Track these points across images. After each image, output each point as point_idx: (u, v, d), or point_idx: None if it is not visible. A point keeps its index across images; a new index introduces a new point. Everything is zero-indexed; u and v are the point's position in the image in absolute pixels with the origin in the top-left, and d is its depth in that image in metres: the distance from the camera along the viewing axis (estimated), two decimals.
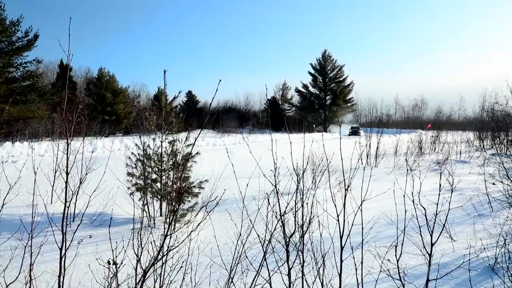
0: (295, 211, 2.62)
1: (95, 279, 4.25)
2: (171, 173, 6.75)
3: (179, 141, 6.92)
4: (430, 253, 2.58)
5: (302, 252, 2.55)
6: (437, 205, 2.68)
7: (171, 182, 6.70)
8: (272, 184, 2.56)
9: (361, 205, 2.34)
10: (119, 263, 2.36)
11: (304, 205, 2.69)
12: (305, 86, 55.82)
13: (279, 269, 2.61)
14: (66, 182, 2.51)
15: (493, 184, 8.30)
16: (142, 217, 6.47)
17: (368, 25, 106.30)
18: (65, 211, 2.55)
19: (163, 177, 6.78)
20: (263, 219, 2.89)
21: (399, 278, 2.26)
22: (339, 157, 3.30)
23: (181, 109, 47.98)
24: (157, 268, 2.28)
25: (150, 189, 6.60)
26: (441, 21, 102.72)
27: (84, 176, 3.11)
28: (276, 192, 2.53)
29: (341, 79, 54.63)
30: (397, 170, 13.89)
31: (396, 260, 2.33)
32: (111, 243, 2.36)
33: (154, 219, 6.51)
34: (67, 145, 2.49)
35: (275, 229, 2.61)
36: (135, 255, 2.42)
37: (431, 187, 8.80)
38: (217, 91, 2.04)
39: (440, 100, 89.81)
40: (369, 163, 15.27)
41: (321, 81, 54.91)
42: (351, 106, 56.31)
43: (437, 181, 8.79)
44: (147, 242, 2.48)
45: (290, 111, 61.06)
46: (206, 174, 6.92)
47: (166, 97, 7.27)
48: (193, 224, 2.78)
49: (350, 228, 2.38)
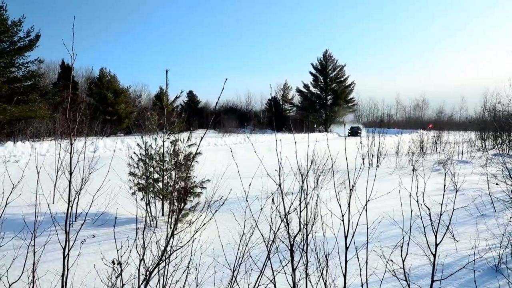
0: (299, 211, 2.61)
1: (98, 278, 4.25)
2: (173, 173, 6.75)
3: (181, 141, 6.91)
4: (434, 253, 2.57)
5: (306, 252, 2.54)
6: (442, 205, 2.67)
7: (173, 182, 6.70)
8: (276, 183, 2.55)
9: (366, 205, 2.33)
10: (117, 263, 2.35)
11: (307, 205, 2.67)
12: (306, 86, 55.75)
13: (283, 268, 2.59)
14: (69, 181, 2.51)
15: (496, 184, 8.28)
16: (145, 217, 6.47)
17: (368, 25, 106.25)
18: (68, 210, 2.54)
19: (165, 177, 6.78)
20: (266, 219, 2.88)
21: (404, 278, 2.25)
22: (340, 157, 3.29)
23: (182, 109, 47.97)
24: (160, 268, 2.28)
25: (152, 189, 6.59)
26: (441, 21, 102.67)
27: (87, 175, 3.11)
28: (280, 191, 2.52)
29: (342, 79, 54.55)
30: (398, 170, 13.87)
31: (402, 260, 2.32)
32: (116, 243, 2.36)
33: (156, 219, 6.51)
34: (70, 145, 2.49)
35: (279, 229, 2.59)
36: (138, 255, 2.42)
37: (433, 187, 8.79)
38: (223, 90, 2.03)
39: (441, 100, 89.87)
40: (371, 163, 15.24)
41: (322, 81, 54.82)
42: (352, 106, 56.25)
43: (439, 181, 8.79)
44: (150, 242, 2.47)
45: (291, 111, 61.04)
46: (207, 174, 6.91)
47: (167, 97, 7.26)
48: (196, 224, 2.77)
49: (355, 228, 2.37)
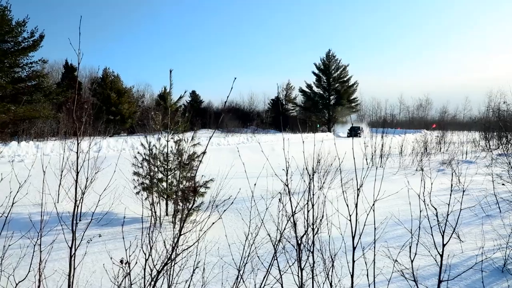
0: (307, 210, 2.60)
1: (104, 278, 4.26)
2: (177, 173, 6.75)
3: (185, 140, 6.91)
4: (441, 253, 2.56)
5: (312, 252, 2.53)
6: (448, 205, 2.65)
7: (177, 181, 6.70)
8: (284, 183, 2.55)
9: (373, 205, 2.32)
10: (125, 263, 2.35)
11: (314, 205, 2.67)
12: (309, 86, 55.69)
13: (290, 268, 2.59)
14: (76, 181, 2.51)
15: (502, 184, 8.24)
16: (152, 216, 6.48)
17: (371, 25, 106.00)
18: (75, 210, 2.55)
19: (169, 177, 6.78)
20: (272, 219, 2.87)
21: (413, 278, 2.24)
22: (343, 157, 3.28)
23: (185, 109, 48.09)
24: (166, 267, 2.27)
25: (156, 188, 6.60)
26: (444, 21, 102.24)
27: (93, 175, 3.12)
28: (288, 191, 2.51)
29: (345, 79, 54.45)
30: (402, 170, 13.83)
31: (410, 260, 2.31)
32: (124, 242, 2.36)
33: (160, 218, 6.51)
34: (77, 144, 2.49)
35: (285, 228, 2.59)
36: (144, 254, 2.41)
37: (437, 187, 8.75)
38: (232, 89, 2.02)
39: (445, 100, 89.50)
40: (374, 163, 15.20)
41: (325, 81, 54.76)
42: (355, 106, 56.13)
43: (443, 182, 8.73)
44: (156, 241, 2.47)
45: (294, 111, 60.98)
46: (211, 173, 6.91)
47: (171, 96, 7.27)
48: (203, 223, 2.77)
49: (362, 228, 2.36)
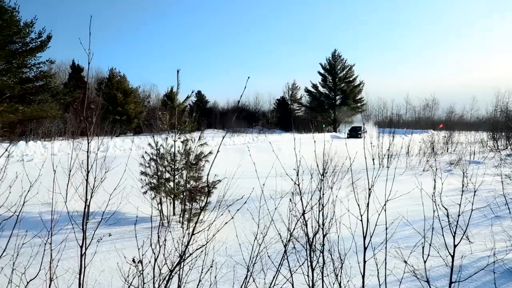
0: (319, 211, 2.60)
1: (113, 277, 4.29)
2: (184, 172, 6.77)
3: (192, 140, 6.93)
4: (453, 255, 2.54)
5: (322, 252, 2.53)
6: (460, 205, 2.63)
7: (184, 181, 6.72)
8: (295, 182, 2.55)
9: (385, 205, 2.31)
10: (138, 262, 2.36)
11: (324, 205, 2.66)
12: (314, 86, 55.62)
13: (300, 267, 2.58)
14: (86, 180, 2.53)
15: None
16: (160, 216, 6.51)
17: (377, 24, 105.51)
18: (85, 209, 2.57)
19: (176, 176, 6.80)
20: (282, 219, 2.87)
21: (426, 279, 2.22)
22: (354, 157, 3.27)
23: (192, 109, 48.24)
24: (179, 267, 2.28)
25: (163, 188, 6.62)
26: (451, 20, 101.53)
27: (104, 174, 3.15)
28: (299, 191, 2.51)
29: (351, 79, 54.31)
30: (409, 170, 13.76)
31: (422, 261, 2.29)
32: (137, 241, 2.37)
33: (168, 218, 6.54)
34: (87, 144, 2.50)
35: (295, 228, 2.58)
36: (153, 254, 2.42)
37: (445, 188, 8.70)
38: (245, 88, 2.02)
39: (451, 99, 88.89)
40: (381, 163, 15.13)
41: (331, 81, 54.65)
42: (361, 106, 55.91)
43: (451, 182, 8.67)
44: (165, 240, 2.47)
45: (299, 111, 60.90)
46: (218, 173, 6.92)
47: (178, 96, 7.28)
48: (215, 223, 2.77)
49: (373, 228, 2.35)
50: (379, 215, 2.34)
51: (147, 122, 37.68)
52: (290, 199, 2.54)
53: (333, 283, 2.60)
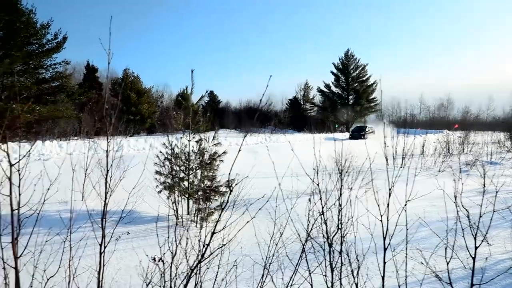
0: (339, 210, 2.58)
1: (131, 275, 4.33)
2: (199, 172, 6.80)
3: (206, 140, 6.96)
4: (474, 257, 2.49)
5: (340, 252, 2.50)
6: (481, 207, 2.58)
7: (199, 180, 6.75)
8: (313, 181, 2.53)
9: (405, 205, 2.28)
10: (158, 260, 2.37)
11: (341, 205, 2.64)
12: (327, 85, 55.27)
13: (317, 268, 2.56)
14: (106, 179, 2.55)
15: None
16: (176, 215, 6.55)
17: (391, 24, 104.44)
18: (104, 208, 2.59)
19: (190, 176, 6.84)
20: (299, 218, 2.85)
21: (449, 281, 2.18)
22: (363, 157, 3.24)
23: (205, 109, 48.51)
24: (199, 266, 2.28)
25: (178, 187, 6.66)
26: (466, 20, 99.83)
27: (122, 173, 3.18)
28: (318, 190, 2.49)
29: (364, 78, 53.78)
30: (424, 171, 13.57)
31: (446, 262, 2.25)
32: (158, 240, 2.38)
33: (182, 217, 6.58)
34: (107, 143, 2.53)
35: (313, 227, 2.57)
36: (171, 253, 2.43)
37: (462, 188, 8.55)
38: (267, 87, 2.01)
39: (467, 99, 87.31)
40: (395, 164, 14.96)
41: (343, 80, 54.24)
42: (375, 106, 55.28)
43: (468, 183, 8.51)
44: (181, 239, 2.48)
45: (312, 111, 60.60)
46: (232, 173, 6.91)
47: (192, 96, 7.32)
48: (230, 222, 2.77)
49: (394, 229, 2.32)
50: (399, 215, 2.31)
51: (160, 122, 38.00)
52: (309, 199, 2.52)
53: (352, 284, 2.57)
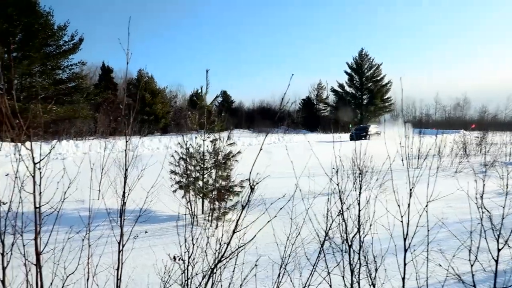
0: (359, 210, 2.55)
1: (149, 273, 4.36)
2: (213, 172, 6.82)
3: (220, 140, 6.97)
4: (496, 259, 2.44)
5: (359, 253, 2.48)
6: (504, 208, 2.52)
7: (213, 180, 6.77)
8: (331, 179, 2.51)
9: (426, 206, 2.24)
10: (179, 259, 2.38)
11: (363, 205, 2.61)
12: (341, 85, 54.96)
13: (335, 268, 2.54)
14: (124, 178, 2.58)
15: None
16: (190, 214, 6.59)
17: (407, 23, 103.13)
18: (123, 206, 2.62)
19: (205, 175, 6.86)
20: (316, 218, 2.83)
21: (472, 284, 2.14)
22: (378, 158, 3.19)
23: (220, 110, 48.69)
24: (217, 265, 2.28)
25: (192, 187, 6.70)
26: (483, 20, 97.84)
27: (141, 172, 3.21)
28: (338, 190, 2.47)
29: (379, 78, 53.28)
30: (440, 172, 13.34)
31: (470, 265, 2.21)
32: (185, 238, 2.39)
33: (197, 216, 6.61)
34: (126, 142, 2.55)
35: (330, 228, 2.54)
36: (188, 252, 2.44)
37: (481, 189, 8.38)
38: (289, 86, 2.00)
39: (484, 99, 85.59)
40: (410, 164, 14.75)
41: (357, 80, 53.86)
42: (389, 106, 54.71)
43: (486, 184, 8.33)
44: (208, 238, 2.49)
45: (325, 111, 60.29)
46: (246, 173, 6.91)
47: (206, 96, 7.34)
48: (247, 221, 2.77)
49: (414, 229, 2.28)
50: (420, 216, 2.27)
51: (174, 121, 38.31)
52: (328, 198, 2.51)
53: (370, 285, 2.54)
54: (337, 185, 2.50)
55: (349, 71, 54.33)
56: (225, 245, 2.07)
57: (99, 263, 4.33)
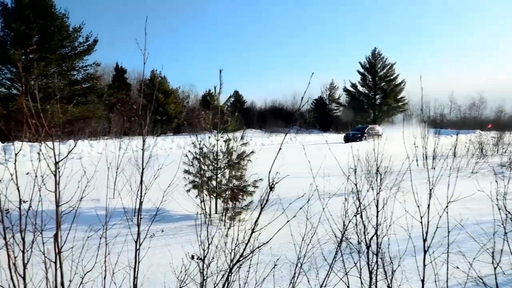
0: (377, 211, 2.52)
1: (162, 271, 4.39)
2: (227, 171, 6.84)
3: (234, 139, 6.99)
4: None
5: (377, 254, 2.45)
6: None
7: (227, 180, 6.79)
8: (352, 182, 2.49)
9: (447, 207, 2.21)
10: (197, 258, 2.39)
11: (381, 206, 2.58)
12: (353, 85, 54.50)
13: (351, 269, 2.52)
14: (141, 177, 2.60)
15: None
16: (204, 214, 6.62)
17: (421, 22, 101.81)
18: (140, 205, 2.64)
19: (218, 175, 6.89)
20: (332, 218, 2.81)
21: (496, 286, 2.10)
22: (394, 158, 3.15)
23: (234, 110, 48.76)
24: (233, 265, 2.29)
25: (206, 186, 6.73)
26: (498, 19, 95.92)
27: (157, 172, 3.25)
28: (356, 190, 2.45)
29: (392, 77, 52.66)
30: (456, 172, 13.13)
31: (494, 268, 2.17)
32: (199, 239, 2.39)
33: (210, 216, 6.64)
34: (142, 142, 2.58)
35: (347, 228, 2.53)
36: (203, 251, 2.45)
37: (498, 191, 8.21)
38: (309, 84, 1.99)
39: (500, 98, 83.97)
40: (425, 165, 14.55)
41: (370, 80, 53.33)
42: (403, 105, 54.01)
43: (504, 185, 8.16)
44: (227, 237, 2.50)
45: (337, 111, 59.92)
46: (261, 173, 6.92)
47: (219, 96, 7.36)
48: (266, 222, 2.77)
49: (434, 231, 2.25)
50: (440, 217, 2.24)
51: (187, 122, 38.55)
52: (345, 198, 2.49)
53: (387, 287, 2.51)
54: (355, 185, 2.48)
55: (362, 70, 53.84)
56: (244, 244, 2.07)
57: (115, 262, 4.38)
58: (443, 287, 2.56)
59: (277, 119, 50.70)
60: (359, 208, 2.50)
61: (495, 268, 2.20)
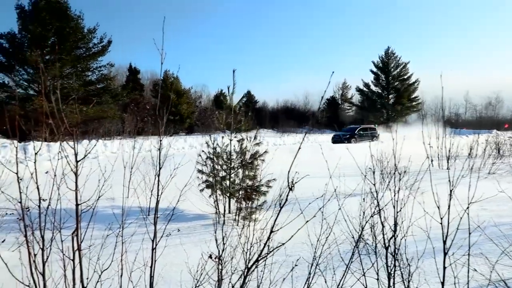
0: (396, 212, 2.49)
1: (177, 270, 4.42)
2: (240, 171, 6.85)
3: (247, 139, 6.99)
4: None
5: (395, 255, 2.42)
6: None
7: (240, 180, 6.80)
8: (371, 182, 2.47)
9: (468, 208, 2.17)
10: (215, 258, 2.40)
11: (400, 207, 2.55)
12: (366, 84, 53.95)
13: (369, 270, 2.49)
14: (158, 176, 2.62)
15: None
16: (218, 213, 6.64)
17: (435, 20, 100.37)
18: (156, 205, 2.66)
19: (231, 175, 6.90)
20: (349, 218, 2.79)
21: None
22: (410, 158, 3.11)
23: (247, 110, 48.65)
24: (251, 265, 2.28)
25: (219, 186, 6.74)
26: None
27: (173, 171, 3.28)
28: (375, 190, 2.43)
29: (406, 77, 51.98)
30: (472, 173, 12.91)
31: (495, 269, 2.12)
32: (216, 238, 2.40)
33: (224, 215, 6.65)
34: (159, 142, 2.60)
35: (363, 229, 2.50)
36: (218, 250, 2.46)
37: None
38: (329, 83, 1.98)
39: None
40: (440, 165, 14.34)
41: (383, 79, 52.73)
42: (417, 105, 53.24)
43: None
44: (241, 236, 2.50)
45: (350, 111, 59.48)
46: (274, 173, 6.91)
47: (233, 96, 7.36)
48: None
49: (455, 232, 2.21)
50: (461, 218, 2.20)
51: (199, 121, 38.74)
52: (363, 199, 2.47)
53: None
54: (374, 185, 2.45)
55: (375, 70, 53.26)
56: (261, 244, 2.06)
57: (131, 260, 4.42)
58: None
59: (289, 119, 50.62)
60: (377, 208, 2.48)
61: None
